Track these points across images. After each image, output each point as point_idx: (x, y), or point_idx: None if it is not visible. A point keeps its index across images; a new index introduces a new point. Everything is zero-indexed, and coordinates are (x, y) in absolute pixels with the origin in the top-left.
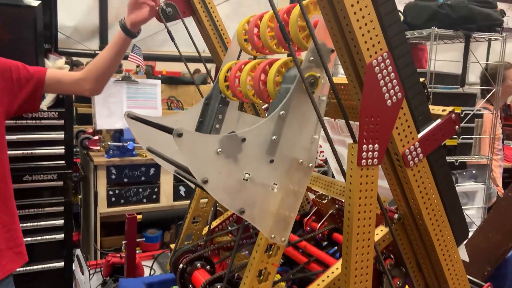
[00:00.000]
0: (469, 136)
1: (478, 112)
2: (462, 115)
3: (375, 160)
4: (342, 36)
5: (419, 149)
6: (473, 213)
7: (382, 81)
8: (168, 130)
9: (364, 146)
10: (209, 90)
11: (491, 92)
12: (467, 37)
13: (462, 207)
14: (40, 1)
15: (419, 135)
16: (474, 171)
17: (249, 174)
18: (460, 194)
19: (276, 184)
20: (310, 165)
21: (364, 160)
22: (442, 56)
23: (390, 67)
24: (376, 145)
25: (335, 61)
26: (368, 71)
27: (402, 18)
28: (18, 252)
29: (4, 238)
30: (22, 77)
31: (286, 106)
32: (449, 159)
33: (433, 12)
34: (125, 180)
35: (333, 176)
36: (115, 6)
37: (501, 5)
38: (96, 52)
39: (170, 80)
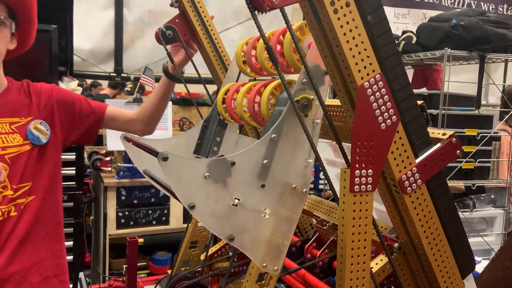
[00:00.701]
0: (487, 160)
1: (495, 134)
2: (478, 138)
3: (369, 186)
4: (333, 58)
5: (417, 174)
6: (492, 240)
7: (375, 103)
8: (154, 153)
9: (357, 171)
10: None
11: (509, 114)
12: (481, 58)
13: (480, 233)
14: (55, 26)
15: (417, 160)
16: (492, 196)
17: (239, 199)
18: (479, 219)
19: (268, 210)
20: (304, 190)
21: (357, 186)
22: (458, 77)
23: (383, 89)
24: (370, 170)
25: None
26: (360, 93)
27: (415, 39)
28: (62, 280)
29: (52, 265)
30: (84, 111)
31: (278, 129)
32: (466, 183)
33: (446, 33)
34: (135, 201)
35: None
36: (130, 30)
37: None
38: (111, 74)
39: (183, 102)
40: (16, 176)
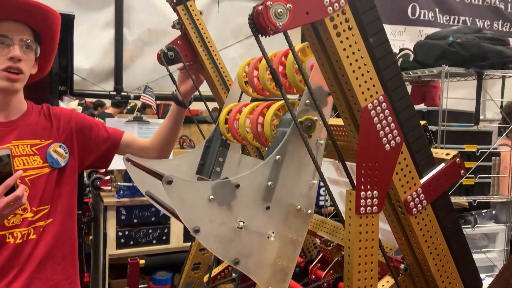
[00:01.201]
0: (487, 176)
1: (495, 150)
2: (478, 154)
3: (375, 207)
4: (336, 80)
5: (422, 195)
6: (495, 256)
7: (379, 125)
8: (158, 176)
9: (363, 192)
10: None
11: (508, 129)
12: (479, 74)
13: (483, 249)
14: None
15: (422, 181)
16: (494, 212)
17: (243, 222)
18: (480, 235)
19: (273, 233)
20: (309, 211)
21: (363, 208)
22: (456, 93)
23: (387, 110)
24: (375, 192)
25: None
26: (364, 115)
27: (412, 56)
28: None
29: None
30: (101, 136)
31: (282, 150)
32: (468, 199)
33: (443, 50)
34: (135, 220)
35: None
36: (130, 49)
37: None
38: (111, 93)
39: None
40: (35, 199)
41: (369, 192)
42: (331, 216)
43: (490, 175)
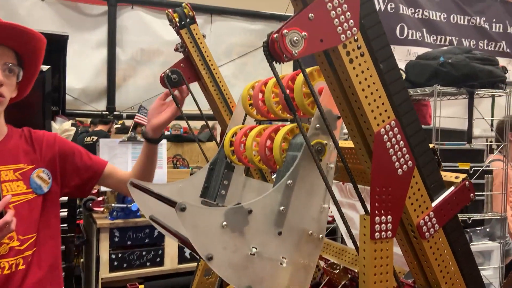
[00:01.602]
0: (481, 193)
1: (488, 168)
2: (471, 172)
3: (389, 232)
4: (348, 105)
5: (434, 219)
6: (490, 274)
7: (391, 149)
8: (171, 203)
9: (377, 218)
10: (215, 146)
11: (500, 147)
12: (470, 94)
13: (479, 267)
14: (49, 66)
15: (433, 204)
16: (488, 229)
17: (256, 248)
18: (475, 253)
19: (285, 258)
20: (321, 236)
21: (377, 233)
22: (445, 111)
23: (398, 135)
24: (389, 217)
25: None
26: (377, 140)
27: (404, 76)
28: None
29: None
30: (83, 164)
31: (293, 175)
32: (461, 217)
33: (435, 70)
34: (129, 242)
35: (342, 240)
36: (122, 68)
37: (500, 61)
38: (103, 112)
39: (176, 138)
40: (21, 226)
41: (383, 217)
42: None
43: (484, 193)
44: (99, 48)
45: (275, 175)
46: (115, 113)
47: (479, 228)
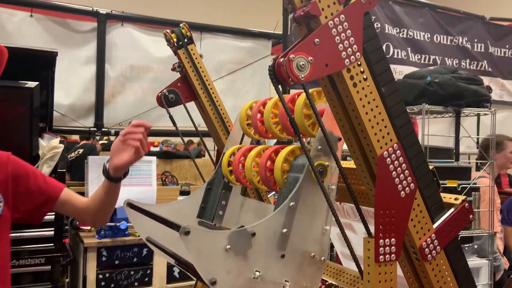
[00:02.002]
0: None
1: (475, 185)
2: (459, 189)
3: (393, 255)
4: (351, 127)
5: (436, 241)
6: None
7: (394, 172)
8: (175, 226)
9: (381, 241)
10: (204, 162)
11: (487, 165)
12: (457, 113)
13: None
14: (37, 83)
15: (435, 226)
16: (476, 246)
17: (259, 272)
18: None
19: (288, 282)
20: (323, 258)
21: (381, 256)
22: (431, 128)
23: (401, 158)
24: (393, 239)
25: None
26: (380, 163)
27: None
28: None
29: None
30: (37, 187)
31: (296, 196)
32: None
33: (422, 89)
34: (116, 262)
35: (337, 258)
36: (111, 84)
37: (483, 80)
38: (91, 129)
39: (165, 155)
40: None
41: (387, 239)
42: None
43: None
44: (88, 64)
45: (270, 194)
46: (103, 129)
47: (467, 245)
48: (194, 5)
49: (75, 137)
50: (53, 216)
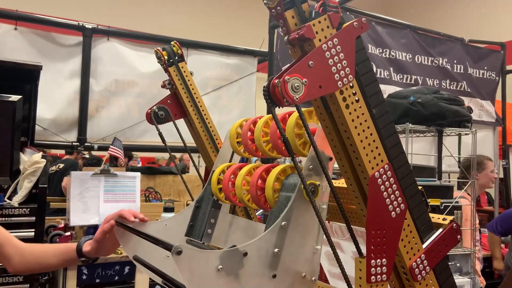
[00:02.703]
0: None
1: (457, 204)
2: (442, 208)
3: (384, 275)
4: (343, 147)
5: (425, 261)
6: None
7: (385, 192)
8: (167, 246)
9: (373, 261)
10: (188, 178)
11: (468, 184)
12: (439, 132)
13: None
14: (21, 96)
15: (424, 246)
16: (458, 264)
17: None
18: None
19: None
20: (313, 278)
21: (373, 276)
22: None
23: (391, 178)
24: (384, 260)
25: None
26: (371, 183)
27: None
28: None
29: None
30: None
31: (287, 216)
32: None
33: (405, 109)
34: (97, 280)
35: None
36: (95, 99)
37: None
38: (74, 143)
39: (148, 171)
40: None
41: (378, 260)
42: None
43: None
44: (72, 78)
45: (258, 212)
46: (86, 144)
47: (450, 263)
48: (181, 22)
49: (54, 152)
50: (33, 233)
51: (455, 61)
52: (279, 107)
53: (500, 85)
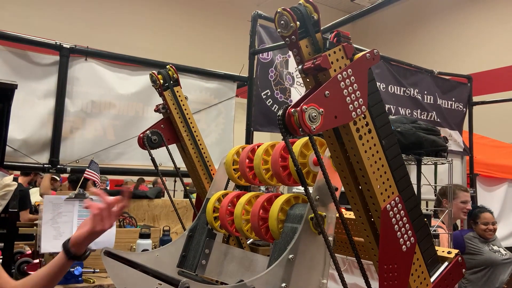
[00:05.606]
0: None
1: (434, 233)
2: None
3: None
4: (354, 179)
5: None
6: None
7: (396, 225)
8: (173, 282)
9: None
10: (164, 203)
11: (445, 213)
12: (418, 161)
13: None
14: None
15: (432, 280)
16: None
17: None
18: None
19: None
20: None
21: None
22: None
23: (402, 211)
24: None
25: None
26: (383, 216)
27: None
28: None
29: None
30: None
31: (294, 248)
32: None
33: None
34: None
35: None
36: (70, 120)
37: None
38: (45, 165)
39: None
40: None
41: None
42: None
43: None
44: (47, 98)
45: (250, 241)
46: (58, 166)
47: None
48: (161, 45)
49: (17, 173)
50: (0, 260)
51: (425, 92)
52: (293, 137)
53: (467, 116)
